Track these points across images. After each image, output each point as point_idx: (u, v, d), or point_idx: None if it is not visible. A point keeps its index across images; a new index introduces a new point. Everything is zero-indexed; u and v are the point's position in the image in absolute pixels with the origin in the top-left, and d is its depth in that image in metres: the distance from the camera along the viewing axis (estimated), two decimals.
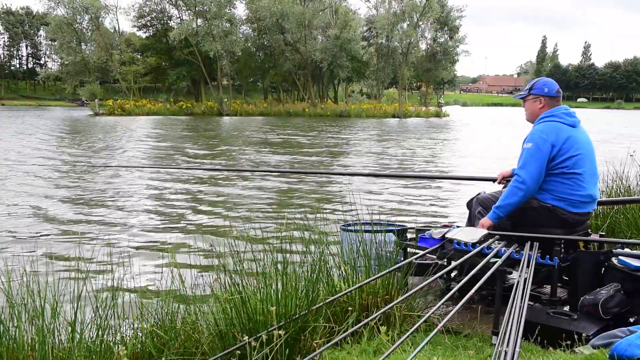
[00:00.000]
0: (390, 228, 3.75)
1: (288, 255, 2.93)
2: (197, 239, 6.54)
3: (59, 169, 13.02)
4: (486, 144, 21.88)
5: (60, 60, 57.98)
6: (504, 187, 3.73)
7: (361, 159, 16.28)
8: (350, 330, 2.50)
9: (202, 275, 3.08)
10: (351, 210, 3.77)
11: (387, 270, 2.98)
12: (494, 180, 3.97)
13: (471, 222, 3.63)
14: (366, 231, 3.44)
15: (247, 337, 2.30)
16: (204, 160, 15.53)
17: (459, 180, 10.64)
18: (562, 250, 3.17)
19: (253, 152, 17.48)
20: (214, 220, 7.84)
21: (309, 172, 12.97)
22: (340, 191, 9.85)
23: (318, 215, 3.49)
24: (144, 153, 16.93)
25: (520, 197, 3.22)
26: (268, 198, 9.68)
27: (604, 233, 4.00)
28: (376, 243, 3.34)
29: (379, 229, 3.59)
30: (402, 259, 3.50)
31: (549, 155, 3.19)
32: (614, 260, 3.01)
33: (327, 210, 8.12)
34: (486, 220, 3.35)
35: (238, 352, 2.37)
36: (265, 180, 11.50)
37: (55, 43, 53.20)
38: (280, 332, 2.39)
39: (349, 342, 2.77)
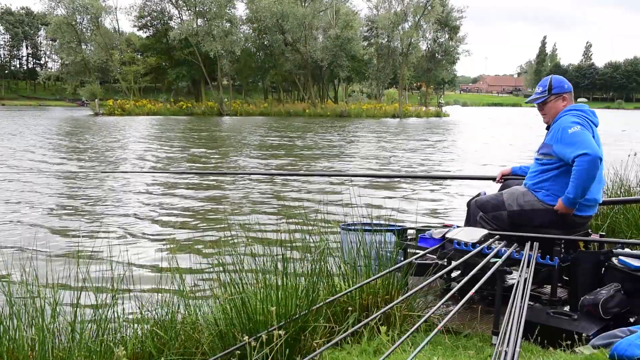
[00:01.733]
0: (390, 228, 3.75)
1: (288, 255, 2.93)
2: (197, 239, 6.54)
3: (59, 170, 13.03)
4: (486, 145, 21.87)
5: (60, 60, 58.03)
6: (502, 187, 3.73)
7: (361, 159, 16.28)
8: (350, 330, 2.50)
9: (202, 275, 3.08)
10: (351, 210, 3.76)
11: (387, 270, 2.98)
12: (493, 179, 3.97)
13: (470, 223, 3.63)
14: (366, 231, 3.44)
15: (247, 337, 2.30)
16: (206, 165, 15.53)
17: (459, 179, 10.64)
18: (562, 250, 3.17)
19: (254, 154, 17.48)
20: (213, 220, 7.84)
21: (309, 174, 12.93)
22: (340, 191, 9.84)
23: (318, 215, 3.49)
24: (144, 155, 16.92)
25: (592, 168, 3.00)
26: (268, 198, 9.68)
27: (604, 233, 4.00)
28: (376, 243, 3.34)
29: (379, 229, 3.59)
30: (402, 259, 3.50)
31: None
32: (614, 260, 3.01)
33: (327, 211, 8.12)
34: (561, 205, 3.17)
35: (238, 352, 2.37)
36: (264, 181, 11.50)
37: (56, 43, 53.23)
38: (280, 332, 2.39)
39: (349, 342, 2.77)
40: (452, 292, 2.42)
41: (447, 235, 3.28)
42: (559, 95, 3.30)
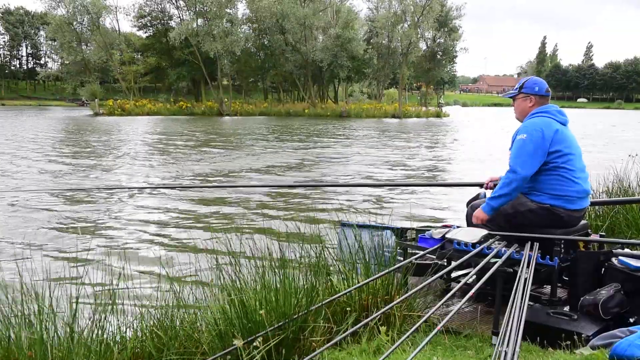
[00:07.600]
0: (390, 228, 3.74)
1: (287, 255, 2.93)
2: (196, 239, 6.54)
3: (58, 171, 13.02)
4: (486, 145, 21.87)
5: (60, 60, 58.00)
6: None
7: (360, 161, 16.28)
8: (350, 331, 2.50)
9: (202, 276, 3.08)
10: (350, 210, 3.76)
11: (387, 270, 2.98)
12: (481, 185, 3.97)
13: (470, 224, 3.63)
14: (366, 231, 3.43)
15: (246, 337, 2.30)
16: (206, 169, 15.54)
17: (449, 187, 10.53)
18: (562, 250, 3.17)
19: (254, 158, 17.51)
20: (213, 220, 7.84)
21: (309, 185, 12.76)
22: (340, 191, 9.85)
23: (317, 215, 3.49)
24: (142, 160, 16.94)
25: (514, 187, 3.21)
26: (267, 198, 9.68)
27: (604, 233, 4.00)
28: (376, 243, 3.34)
29: (378, 229, 3.59)
30: (402, 259, 3.49)
31: (543, 147, 3.19)
32: (614, 260, 3.01)
33: (327, 211, 8.11)
34: (480, 212, 3.35)
35: (237, 352, 2.37)
36: (264, 180, 11.51)
37: (56, 43, 53.17)
38: (279, 332, 2.38)
39: (349, 342, 2.77)
40: (452, 292, 2.42)
41: (447, 236, 3.27)
42: (526, 96, 3.44)
